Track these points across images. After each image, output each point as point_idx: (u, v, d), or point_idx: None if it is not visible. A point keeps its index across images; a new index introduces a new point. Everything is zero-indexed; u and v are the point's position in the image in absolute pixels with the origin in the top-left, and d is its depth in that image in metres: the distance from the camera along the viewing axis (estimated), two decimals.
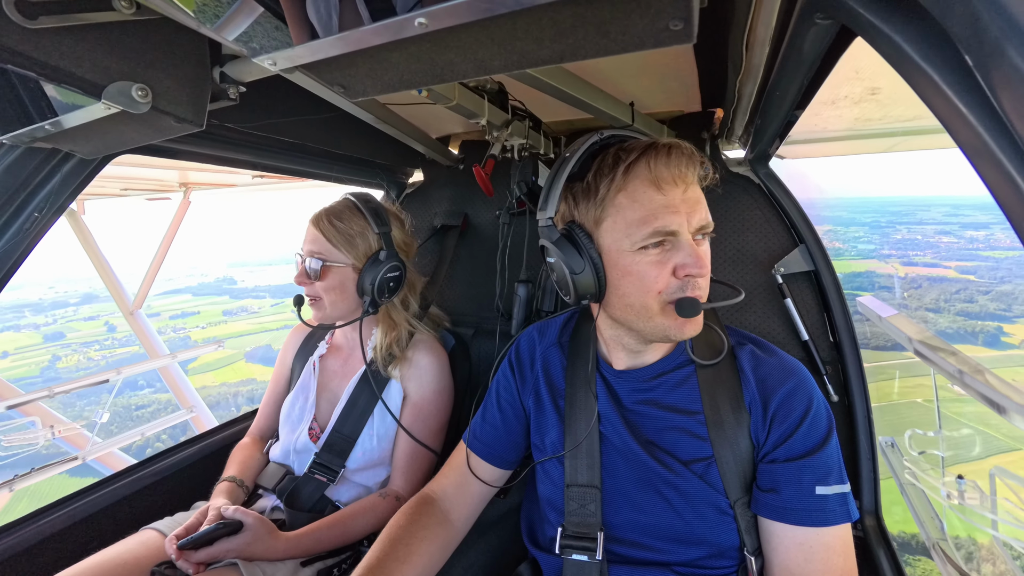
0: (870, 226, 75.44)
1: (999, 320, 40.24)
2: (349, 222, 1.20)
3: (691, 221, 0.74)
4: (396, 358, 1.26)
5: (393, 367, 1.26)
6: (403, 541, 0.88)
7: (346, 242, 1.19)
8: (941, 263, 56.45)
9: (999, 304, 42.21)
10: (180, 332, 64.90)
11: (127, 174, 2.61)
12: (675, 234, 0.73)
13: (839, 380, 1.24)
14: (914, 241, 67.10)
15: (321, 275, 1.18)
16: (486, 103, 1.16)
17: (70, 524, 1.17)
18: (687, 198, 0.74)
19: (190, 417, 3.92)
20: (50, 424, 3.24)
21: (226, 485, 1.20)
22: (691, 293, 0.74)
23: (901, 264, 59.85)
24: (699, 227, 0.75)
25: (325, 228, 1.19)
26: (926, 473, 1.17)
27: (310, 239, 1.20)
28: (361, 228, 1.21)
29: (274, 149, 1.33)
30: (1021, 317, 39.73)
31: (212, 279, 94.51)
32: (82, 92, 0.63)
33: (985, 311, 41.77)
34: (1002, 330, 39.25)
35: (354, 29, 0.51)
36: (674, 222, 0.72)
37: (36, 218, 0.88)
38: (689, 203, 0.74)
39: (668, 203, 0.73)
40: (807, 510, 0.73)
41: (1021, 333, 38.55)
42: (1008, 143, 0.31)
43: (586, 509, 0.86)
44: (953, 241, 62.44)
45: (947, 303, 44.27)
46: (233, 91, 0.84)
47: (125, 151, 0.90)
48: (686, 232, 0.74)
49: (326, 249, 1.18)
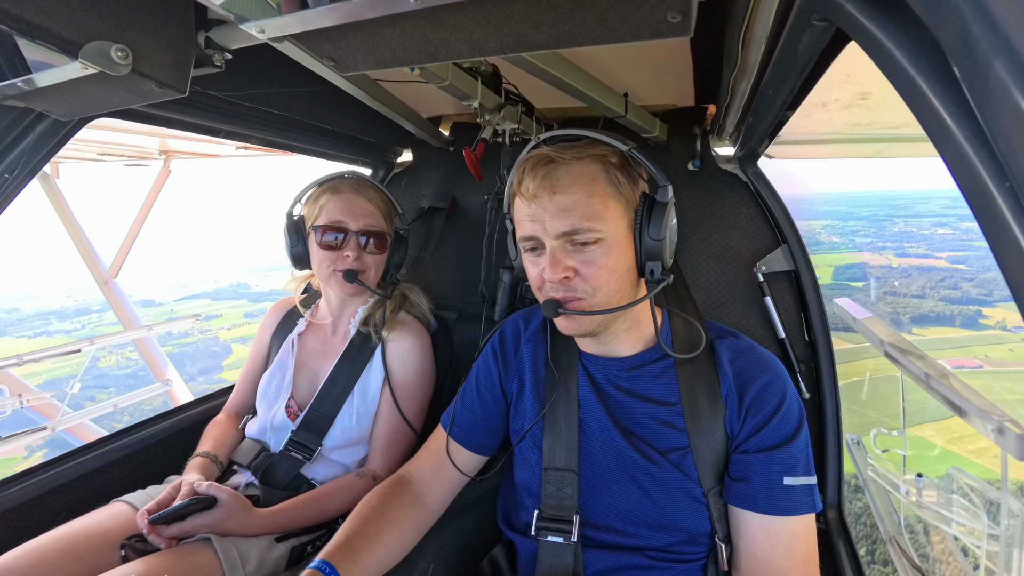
0: (868, 220, 76.99)
1: (979, 304, 42.81)
2: (384, 200, 1.29)
3: (550, 228, 0.77)
4: (387, 322, 1.29)
5: (387, 330, 1.29)
6: (374, 520, 0.88)
7: (389, 218, 1.29)
8: (933, 254, 58.57)
9: (981, 290, 44.64)
10: (207, 333, 68.08)
11: (105, 138, 2.53)
12: (536, 239, 0.79)
13: (812, 378, 1.27)
14: (910, 233, 68.69)
15: (382, 247, 1.26)
16: (479, 85, 1.15)
17: (40, 493, 1.16)
18: (546, 207, 0.77)
19: (165, 390, 3.86)
20: (18, 392, 3.16)
21: (200, 460, 1.19)
22: (557, 295, 0.79)
23: (895, 255, 61.60)
24: (562, 232, 0.76)
25: (377, 202, 1.25)
26: (888, 471, 1.22)
27: (364, 212, 1.22)
28: (386, 201, 1.29)
29: (259, 120, 1.29)
30: (1000, 301, 41.96)
31: (226, 284, 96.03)
32: (58, 50, 0.60)
33: (967, 296, 44.34)
34: (981, 313, 41.92)
35: (347, 0, 0.49)
36: (532, 229, 0.79)
37: (7, 179, 0.84)
38: (550, 211, 0.76)
39: (532, 213, 0.79)
40: (774, 499, 0.76)
41: (998, 315, 41.02)
42: (988, 155, 0.32)
43: (563, 492, 0.87)
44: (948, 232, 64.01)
45: (932, 290, 46.96)
46: (218, 58, 0.81)
47: (102, 114, 0.87)
48: (548, 239, 0.78)
49: (381, 223, 1.25)
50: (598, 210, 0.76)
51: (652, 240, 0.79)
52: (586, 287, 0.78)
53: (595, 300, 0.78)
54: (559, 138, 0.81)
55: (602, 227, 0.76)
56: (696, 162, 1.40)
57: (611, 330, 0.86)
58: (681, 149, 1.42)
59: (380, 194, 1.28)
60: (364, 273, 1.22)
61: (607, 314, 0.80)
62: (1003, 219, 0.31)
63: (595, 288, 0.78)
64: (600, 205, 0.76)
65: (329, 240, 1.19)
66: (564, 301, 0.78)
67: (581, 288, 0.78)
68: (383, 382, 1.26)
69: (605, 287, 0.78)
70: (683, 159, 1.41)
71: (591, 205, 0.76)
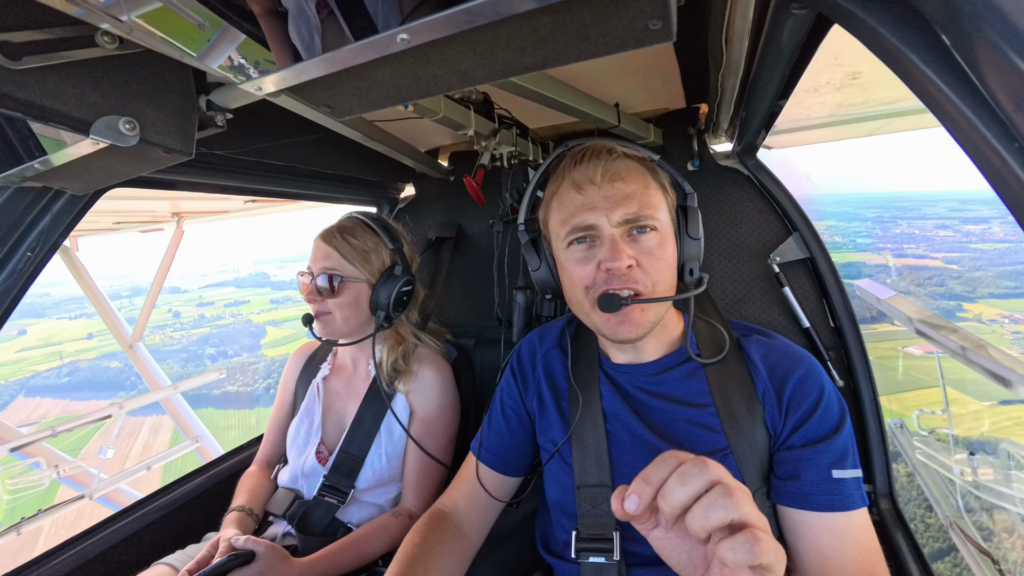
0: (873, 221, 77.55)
1: (961, 300, 45.14)
2: (363, 238, 1.23)
3: (612, 216, 0.76)
4: (401, 372, 1.26)
5: (399, 382, 1.26)
6: (420, 559, 0.87)
7: (361, 258, 1.21)
8: (930, 255, 60.08)
9: (965, 287, 47.42)
10: (239, 317, 71.99)
11: (119, 207, 2.61)
12: (594, 228, 0.77)
13: (843, 365, 1.24)
14: (911, 235, 69.22)
15: (338, 291, 1.20)
16: (472, 114, 1.17)
17: (81, 563, 1.16)
18: (607, 195, 0.76)
19: (195, 447, 3.89)
20: (55, 464, 3.20)
21: (235, 515, 1.18)
22: (615, 287, 0.75)
23: (893, 256, 62.67)
24: (623, 220, 0.76)
25: (339, 244, 1.21)
26: (938, 452, 1.17)
27: (322, 256, 1.21)
28: (375, 244, 1.24)
29: (265, 173, 1.33)
30: (982, 298, 44.35)
31: (246, 274, 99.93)
32: (70, 129, 0.63)
33: (951, 292, 46.89)
34: (961, 307, 44.13)
35: (337, 49, 0.51)
36: (591, 217, 0.76)
37: (29, 257, 0.87)
38: (610, 199, 0.76)
39: (586, 201, 0.77)
40: (829, 494, 0.72)
41: (977, 310, 43.07)
42: (992, 120, 0.32)
43: (599, 510, 0.85)
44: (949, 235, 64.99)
45: (919, 287, 49.14)
46: (220, 118, 0.84)
47: (115, 185, 0.90)
48: (607, 226, 0.76)
49: (341, 265, 1.20)
50: (655, 201, 0.78)
51: (692, 239, 0.80)
52: (646, 280, 0.76)
53: (654, 295, 0.76)
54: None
55: (659, 217, 0.77)
56: (695, 162, 1.40)
57: (650, 332, 0.84)
58: (678, 151, 1.42)
59: (357, 236, 1.23)
60: (327, 315, 1.21)
61: (662, 306, 0.79)
62: (1018, 181, 0.30)
63: (655, 281, 0.76)
64: (655, 197, 0.78)
65: (304, 283, 1.24)
66: (629, 293, 0.75)
67: (642, 280, 0.76)
68: (407, 420, 1.25)
69: (662, 280, 0.77)
70: (681, 161, 1.41)
71: (649, 195, 0.77)
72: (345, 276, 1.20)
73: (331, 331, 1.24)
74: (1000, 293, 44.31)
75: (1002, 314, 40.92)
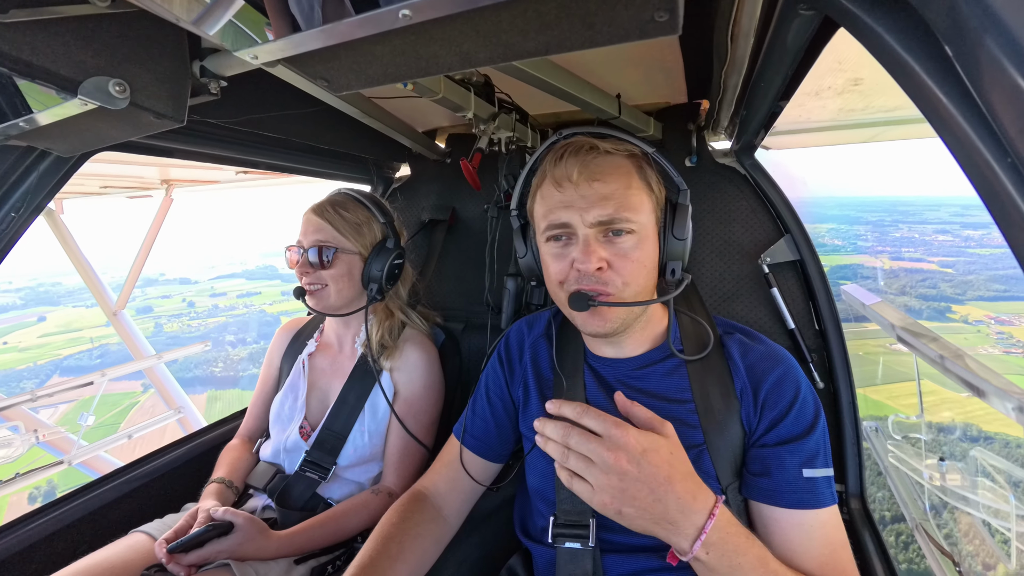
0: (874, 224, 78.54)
1: (951, 301, 46.24)
2: (355, 212, 1.24)
3: (586, 216, 0.76)
4: (388, 348, 1.27)
5: (385, 358, 1.26)
6: (396, 538, 0.88)
7: (354, 231, 1.23)
8: (926, 258, 61.50)
9: (956, 290, 48.45)
10: (252, 308, 71.58)
11: (106, 171, 2.55)
12: (569, 226, 0.77)
13: (824, 367, 1.26)
14: (911, 239, 70.26)
15: (331, 263, 1.20)
16: (472, 96, 1.16)
17: (59, 528, 1.16)
18: (584, 194, 0.76)
19: (178, 418, 3.87)
20: (33, 428, 3.17)
21: (215, 487, 1.19)
22: (586, 287, 0.76)
23: (890, 259, 63.96)
24: (597, 221, 0.76)
25: (332, 217, 1.21)
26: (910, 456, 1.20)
27: (314, 228, 1.21)
28: (366, 218, 1.25)
29: (258, 144, 1.31)
30: (972, 300, 45.45)
31: (254, 267, 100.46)
32: (57, 88, 0.61)
33: (941, 294, 47.88)
34: (950, 308, 45.28)
35: (337, 21, 0.50)
36: (566, 215, 0.77)
37: (13, 218, 0.85)
38: (587, 199, 0.76)
39: (563, 199, 0.77)
40: (799, 492, 0.74)
41: (965, 311, 44.31)
42: (987, 133, 0.32)
43: (577, 497, 0.86)
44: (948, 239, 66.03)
45: (911, 288, 50.25)
46: (214, 86, 0.82)
47: (103, 148, 0.88)
48: (582, 226, 0.76)
49: (334, 237, 1.21)
50: (634, 202, 0.77)
51: (676, 239, 0.80)
52: (617, 281, 0.76)
53: (624, 295, 0.77)
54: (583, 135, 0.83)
55: (637, 219, 0.77)
56: (692, 158, 1.40)
57: (629, 329, 0.85)
58: (677, 146, 1.42)
59: (349, 210, 1.24)
60: (322, 289, 1.22)
61: (635, 307, 0.79)
62: (1007, 196, 0.31)
63: (626, 282, 0.77)
64: (636, 198, 0.77)
65: (292, 258, 1.23)
66: (594, 294, 0.76)
67: (612, 282, 0.76)
68: (392, 398, 1.25)
69: (635, 282, 0.77)
70: (679, 156, 1.41)
71: (629, 196, 0.76)
72: (339, 248, 1.21)
73: (325, 304, 1.24)
74: (989, 296, 45.69)
75: (989, 315, 42.22)
